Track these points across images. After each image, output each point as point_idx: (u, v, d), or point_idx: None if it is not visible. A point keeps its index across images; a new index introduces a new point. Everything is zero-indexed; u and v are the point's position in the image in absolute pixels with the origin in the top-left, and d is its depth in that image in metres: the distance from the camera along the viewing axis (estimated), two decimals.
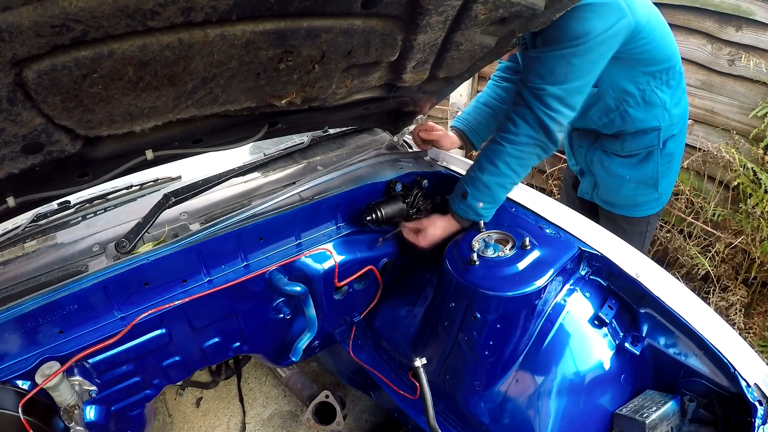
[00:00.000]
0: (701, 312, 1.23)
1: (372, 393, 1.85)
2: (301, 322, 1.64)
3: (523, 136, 1.41)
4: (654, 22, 1.57)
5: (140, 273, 1.26)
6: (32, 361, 1.16)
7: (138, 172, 1.32)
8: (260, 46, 0.93)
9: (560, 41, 1.34)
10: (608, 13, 1.36)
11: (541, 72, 1.37)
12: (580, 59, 1.35)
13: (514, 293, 1.26)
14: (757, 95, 2.67)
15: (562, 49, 1.34)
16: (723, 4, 2.68)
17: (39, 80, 0.77)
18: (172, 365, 1.47)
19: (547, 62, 1.37)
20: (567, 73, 1.35)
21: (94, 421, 1.34)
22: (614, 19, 1.37)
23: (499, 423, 1.39)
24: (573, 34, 1.33)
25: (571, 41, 1.33)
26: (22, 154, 0.95)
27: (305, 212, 1.51)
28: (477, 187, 1.46)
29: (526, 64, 1.43)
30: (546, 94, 1.37)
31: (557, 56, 1.35)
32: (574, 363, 1.35)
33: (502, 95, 1.91)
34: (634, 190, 1.89)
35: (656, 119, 1.73)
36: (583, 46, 1.34)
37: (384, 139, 1.93)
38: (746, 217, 2.72)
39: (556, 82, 1.36)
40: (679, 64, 1.73)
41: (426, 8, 1.02)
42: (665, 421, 1.19)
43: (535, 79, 1.38)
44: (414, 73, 1.31)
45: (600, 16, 1.34)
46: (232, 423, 2.18)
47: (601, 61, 1.41)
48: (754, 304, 2.84)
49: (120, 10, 0.71)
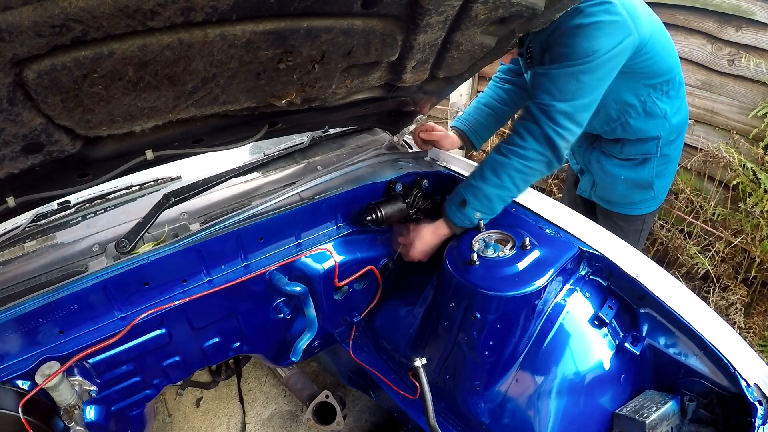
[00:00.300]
0: (701, 312, 1.23)
1: (372, 393, 1.85)
2: (301, 322, 1.64)
3: (530, 151, 1.42)
4: (657, 35, 1.58)
5: (140, 273, 1.26)
6: (32, 361, 1.16)
7: (138, 172, 1.32)
8: (260, 46, 0.93)
9: (569, 59, 1.36)
10: (616, 30, 1.37)
11: (550, 88, 1.38)
12: (588, 76, 1.36)
13: (514, 293, 1.26)
14: (757, 95, 2.67)
15: (571, 67, 1.36)
16: (723, 4, 2.68)
17: (39, 80, 0.77)
18: (172, 365, 1.47)
19: (555, 79, 1.38)
20: (575, 90, 1.37)
21: (94, 421, 1.34)
22: (621, 36, 1.38)
23: (499, 423, 1.39)
24: (581, 51, 1.34)
25: (579, 59, 1.34)
26: (22, 154, 0.95)
27: (305, 212, 1.51)
28: (477, 197, 1.46)
29: (535, 81, 1.44)
30: (555, 110, 1.37)
31: (566, 73, 1.36)
32: (574, 363, 1.35)
33: (503, 97, 1.92)
34: (630, 190, 1.91)
35: (656, 129, 1.75)
36: (592, 63, 1.35)
37: (384, 139, 1.93)
38: (746, 216, 2.73)
39: (565, 98, 1.37)
40: (680, 74, 1.75)
41: (426, 8, 1.02)
42: (665, 421, 1.19)
43: (543, 96, 1.39)
44: (414, 73, 1.31)
45: (608, 33, 1.36)
46: (232, 423, 2.18)
47: (608, 78, 1.42)
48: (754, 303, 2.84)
49: (120, 10, 0.71)
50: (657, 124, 1.74)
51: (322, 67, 1.10)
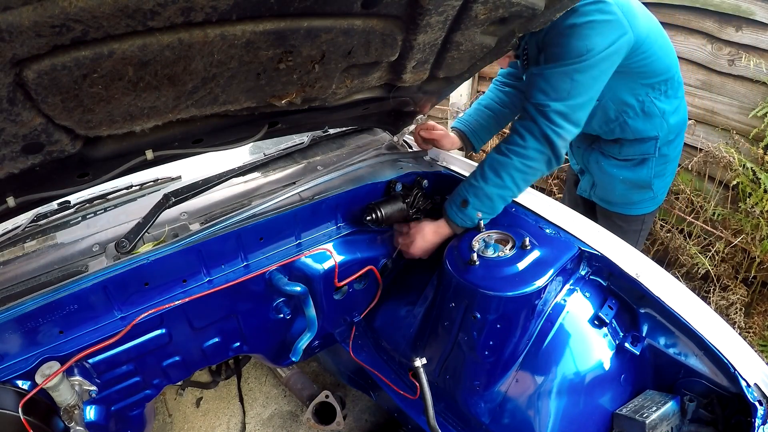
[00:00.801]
0: (701, 312, 1.23)
1: (372, 393, 1.85)
2: (301, 322, 1.64)
3: (530, 150, 1.42)
4: (654, 34, 1.58)
5: (140, 273, 1.26)
6: (32, 361, 1.16)
7: (138, 172, 1.32)
8: (260, 46, 0.93)
9: (563, 58, 1.36)
10: (610, 29, 1.37)
11: (545, 88, 1.38)
12: (582, 75, 1.36)
13: (514, 293, 1.26)
14: (757, 95, 2.67)
15: (565, 66, 1.36)
16: (723, 4, 2.68)
17: (39, 80, 0.77)
18: (172, 365, 1.47)
19: (550, 79, 1.38)
20: (570, 90, 1.37)
21: (94, 421, 1.34)
22: (616, 35, 1.38)
23: (499, 423, 1.39)
24: (576, 51, 1.34)
25: (573, 58, 1.35)
26: (22, 154, 0.95)
27: (305, 212, 1.51)
28: (479, 197, 1.46)
29: (530, 81, 1.44)
30: (550, 110, 1.38)
31: (560, 73, 1.37)
32: (574, 363, 1.35)
33: (504, 99, 1.93)
34: (629, 190, 1.91)
35: (655, 129, 1.75)
36: (586, 62, 1.35)
37: (384, 139, 1.93)
38: (746, 216, 2.73)
39: (560, 98, 1.37)
40: (678, 73, 1.75)
41: (426, 8, 1.02)
42: (665, 421, 1.19)
43: (539, 96, 1.39)
44: (414, 73, 1.31)
45: (602, 32, 1.36)
46: (232, 423, 2.18)
47: (603, 77, 1.42)
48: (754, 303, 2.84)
49: (120, 10, 0.71)
50: (655, 124, 1.74)
51: (322, 67, 1.10)
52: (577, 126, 1.42)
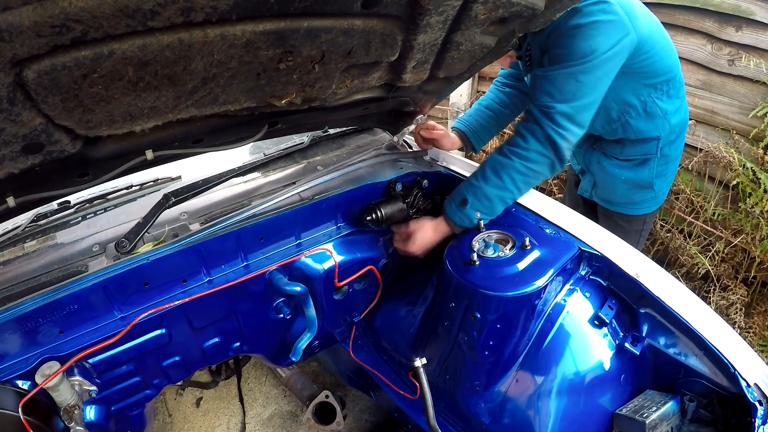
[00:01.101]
0: (701, 312, 1.23)
1: (372, 393, 1.85)
2: (301, 322, 1.64)
3: (533, 152, 1.41)
4: (656, 35, 1.58)
5: (140, 273, 1.26)
6: (32, 361, 1.16)
7: (138, 172, 1.32)
8: (260, 46, 0.93)
9: (567, 59, 1.36)
10: (613, 30, 1.37)
11: (550, 90, 1.38)
12: (587, 76, 1.36)
13: (514, 293, 1.26)
14: (757, 95, 2.67)
15: (570, 67, 1.36)
16: (723, 4, 2.68)
17: (39, 80, 0.77)
18: (172, 365, 1.47)
19: (555, 80, 1.38)
20: (575, 91, 1.37)
21: (94, 421, 1.34)
22: (620, 36, 1.38)
23: (499, 423, 1.39)
24: (580, 52, 1.34)
25: (578, 59, 1.35)
26: (22, 154, 0.95)
27: (305, 212, 1.51)
28: (478, 196, 1.46)
29: (534, 83, 1.44)
30: (555, 112, 1.37)
31: (565, 74, 1.36)
32: (574, 363, 1.35)
33: (504, 100, 1.93)
34: (630, 190, 1.92)
35: (656, 129, 1.75)
36: (590, 63, 1.35)
37: (384, 139, 1.93)
38: (746, 216, 2.73)
39: (565, 99, 1.37)
40: (680, 74, 1.75)
41: (426, 8, 1.02)
42: (665, 421, 1.19)
43: (543, 98, 1.39)
44: (414, 73, 1.31)
45: (606, 33, 1.36)
46: (232, 423, 2.18)
47: (607, 78, 1.42)
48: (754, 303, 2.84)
49: (120, 10, 0.71)
50: (657, 124, 1.74)
51: (322, 67, 1.10)
52: (582, 127, 1.42)
